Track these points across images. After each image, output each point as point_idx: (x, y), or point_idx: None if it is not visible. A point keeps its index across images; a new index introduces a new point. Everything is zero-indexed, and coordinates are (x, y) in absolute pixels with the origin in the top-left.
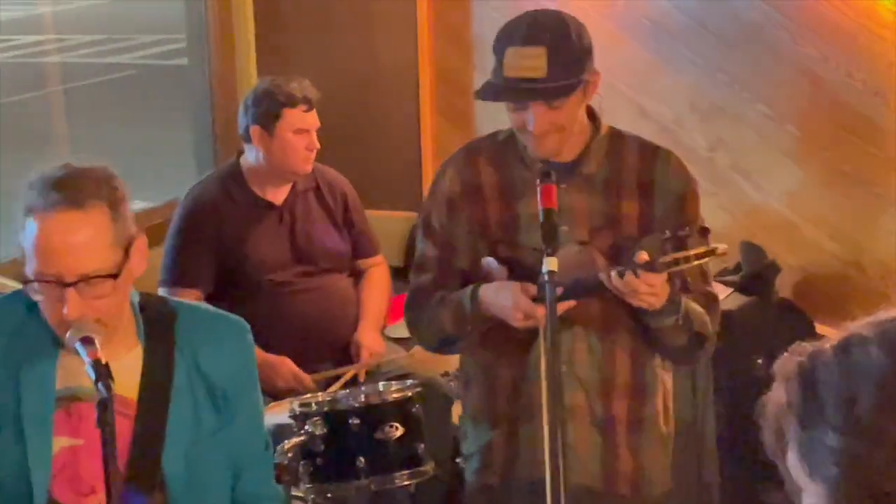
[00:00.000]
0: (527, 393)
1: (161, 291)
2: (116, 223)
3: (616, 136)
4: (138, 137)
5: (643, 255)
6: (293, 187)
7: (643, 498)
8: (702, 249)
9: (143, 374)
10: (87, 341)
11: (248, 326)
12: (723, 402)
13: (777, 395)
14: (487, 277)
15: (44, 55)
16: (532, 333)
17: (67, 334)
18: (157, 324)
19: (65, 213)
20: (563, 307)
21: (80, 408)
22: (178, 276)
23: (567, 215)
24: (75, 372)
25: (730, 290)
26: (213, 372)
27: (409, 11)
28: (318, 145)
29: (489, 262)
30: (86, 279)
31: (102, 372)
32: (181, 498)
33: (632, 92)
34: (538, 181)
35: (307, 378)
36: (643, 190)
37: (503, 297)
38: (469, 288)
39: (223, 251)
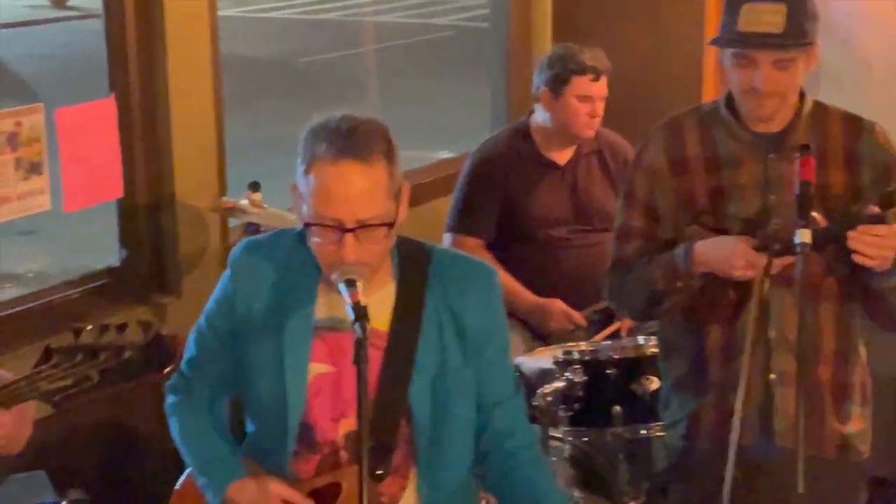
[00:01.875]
0: (738, 359)
1: (446, 237)
2: (391, 175)
3: (820, 108)
4: (444, 93)
5: (874, 209)
6: (577, 150)
7: (850, 462)
8: None
9: (395, 309)
10: (351, 283)
11: (496, 272)
12: None
13: None
14: None
15: (362, 15)
16: (743, 297)
17: (334, 275)
18: (411, 263)
19: (351, 165)
20: (780, 263)
21: (336, 338)
22: (463, 223)
23: (776, 184)
24: (334, 304)
25: None
26: (462, 312)
27: None
28: (600, 113)
29: (694, 231)
30: (364, 226)
31: (361, 313)
32: (426, 429)
33: None
34: (798, 154)
35: (577, 315)
36: (850, 161)
37: (722, 248)
38: (682, 245)
39: (506, 204)
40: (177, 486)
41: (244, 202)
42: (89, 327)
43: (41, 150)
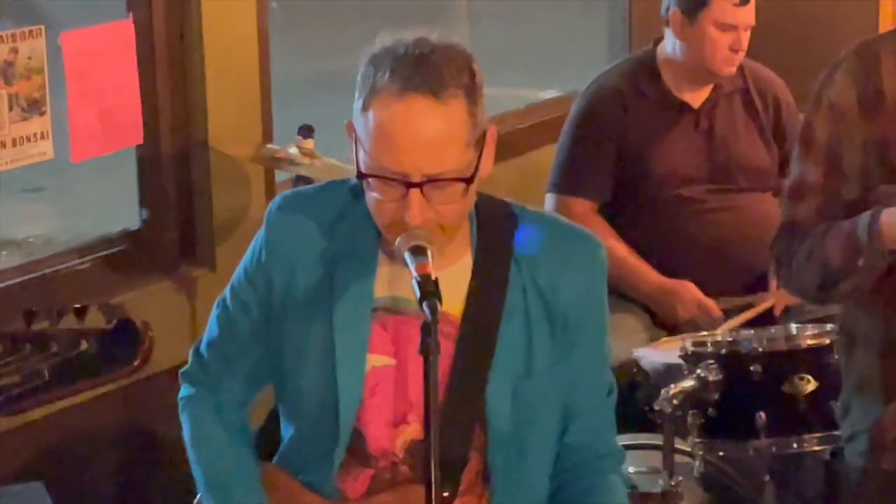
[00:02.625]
0: None
1: (548, 199)
2: (473, 117)
3: None
4: (548, 15)
5: None
6: (715, 88)
7: None
8: None
9: (471, 289)
10: (418, 251)
11: (601, 244)
12: None
13: None
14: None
15: None
16: None
17: (397, 240)
18: (492, 230)
19: (420, 101)
20: None
21: (398, 322)
22: (569, 181)
23: None
24: (396, 279)
25: None
26: (554, 294)
27: None
28: (745, 46)
29: (888, 191)
30: (434, 181)
31: (430, 289)
32: (503, 439)
33: None
34: None
35: (713, 305)
36: None
37: None
38: (867, 213)
39: (625, 156)
40: None
41: (293, 151)
42: (43, 310)
43: (42, 83)
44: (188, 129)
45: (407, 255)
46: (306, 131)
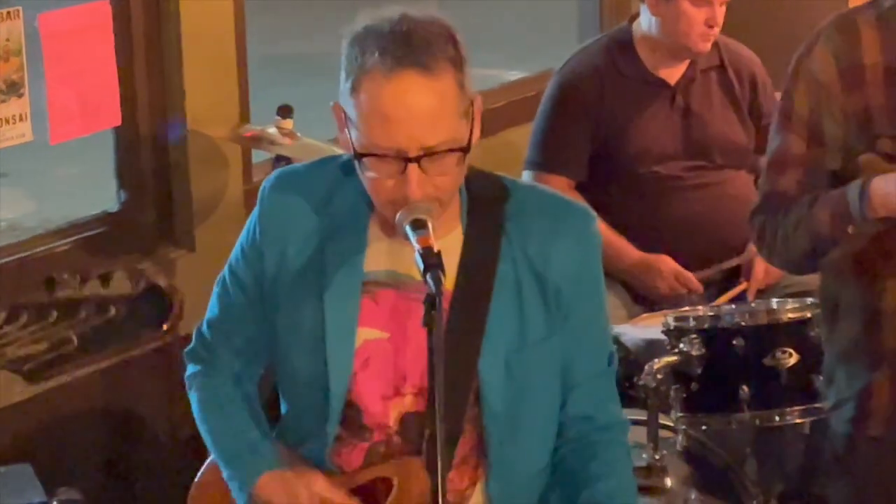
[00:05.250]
0: None
1: (525, 177)
2: (461, 87)
3: None
4: None
5: None
6: (691, 65)
7: None
8: None
9: (462, 262)
10: (419, 225)
11: (594, 215)
12: None
13: None
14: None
15: None
16: None
17: (397, 215)
18: (483, 203)
19: (411, 77)
20: None
21: (391, 296)
22: (546, 158)
23: None
24: (388, 253)
25: None
26: (546, 266)
27: None
28: (720, 22)
29: (869, 160)
30: (432, 153)
31: (433, 262)
32: (497, 411)
33: None
34: None
35: (691, 277)
36: None
37: None
38: (856, 182)
39: (602, 134)
40: (197, 477)
41: (272, 130)
42: (65, 276)
43: (21, 65)
44: (166, 110)
45: (408, 229)
46: (285, 111)
